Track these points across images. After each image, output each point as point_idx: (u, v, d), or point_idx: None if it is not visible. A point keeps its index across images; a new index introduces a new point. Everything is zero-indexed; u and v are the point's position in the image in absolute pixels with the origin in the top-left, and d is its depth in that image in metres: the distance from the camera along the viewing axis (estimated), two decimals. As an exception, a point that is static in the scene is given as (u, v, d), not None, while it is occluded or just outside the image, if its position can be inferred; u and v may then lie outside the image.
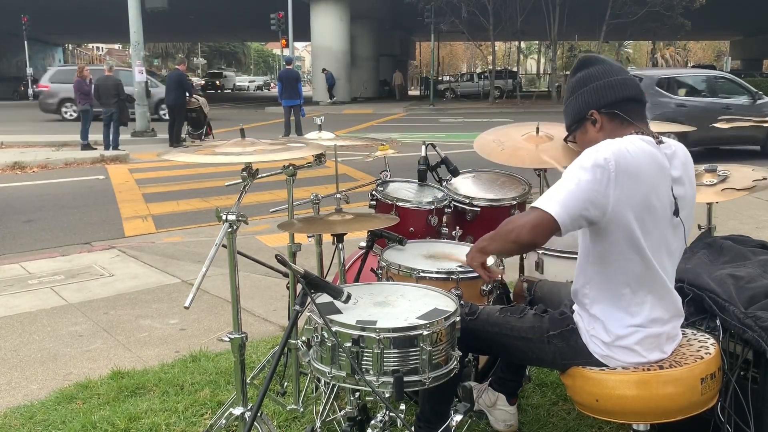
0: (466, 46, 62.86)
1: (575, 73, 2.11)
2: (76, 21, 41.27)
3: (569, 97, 2.11)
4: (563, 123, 2.23)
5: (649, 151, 1.91)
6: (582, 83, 2.07)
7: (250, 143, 2.32)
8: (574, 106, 2.09)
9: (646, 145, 1.92)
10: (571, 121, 2.11)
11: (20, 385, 3.34)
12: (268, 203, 7.63)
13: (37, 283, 4.99)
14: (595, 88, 2.03)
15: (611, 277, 1.96)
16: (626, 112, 2.01)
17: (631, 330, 1.97)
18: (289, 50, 27.66)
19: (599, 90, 2.02)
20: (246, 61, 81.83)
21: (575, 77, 2.10)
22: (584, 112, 2.04)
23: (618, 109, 2.00)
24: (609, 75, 2.04)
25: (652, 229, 1.91)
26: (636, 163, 1.86)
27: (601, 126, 2.03)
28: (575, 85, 2.09)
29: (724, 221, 6.20)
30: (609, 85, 2.02)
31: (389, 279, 2.54)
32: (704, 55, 69.89)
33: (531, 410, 2.87)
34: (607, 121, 2.02)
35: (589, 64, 2.08)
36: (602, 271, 1.97)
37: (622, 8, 28.68)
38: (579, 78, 2.09)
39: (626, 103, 2.02)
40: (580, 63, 2.11)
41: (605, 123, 2.02)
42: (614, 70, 2.06)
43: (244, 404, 2.18)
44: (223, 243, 2.06)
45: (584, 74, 2.07)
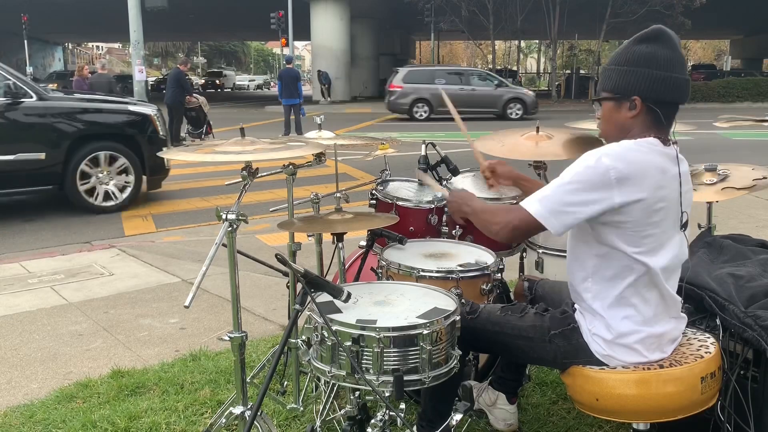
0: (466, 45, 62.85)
1: (642, 42, 1.91)
2: (76, 20, 41.27)
3: (623, 64, 1.93)
4: (562, 124, 2.23)
5: (654, 156, 1.90)
6: (644, 61, 1.89)
7: (250, 142, 2.33)
8: (623, 78, 1.92)
9: (654, 148, 1.91)
10: (612, 92, 1.96)
11: (20, 384, 3.34)
12: (268, 202, 7.63)
13: (37, 282, 4.99)
14: (654, 78, 1.88)
15: (613, 274, 1.95)
16: (666, 114, 1.93)
17: (633, 328, 1.97)
18: (289, 49, 27.65)
19: (658, 82, 1.89)
20: (246, 60, 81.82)
21: (641, 47, 1.91)
22: (630, 93, 1.91)
23: (662, 109, 1.92)
24: (673, 69, 1.89)
25: (656, 230, 1.91)
26: (639, 169, 1.85)
27: (636, 114, 1.93)
28: (637, 58, 1.90)
29: (724, 220, 6.20)
30: (668, 82, 1.89)
31: (389, 278, 2.54)
32: (704, 54, 69.86)
33: (531, 409, 2.87)
34: (645, 114, 1.92)
35: (661, 41, 1.90)
36: (604, 265, 1.96)
37: (622, 7, 28.68)
38: (644, 52, 1.90)
39: (671, 106, 1.94)
40: (654, 34, 1.91)
41: (642, 114, 1.92)
42: (679, 63, 1.91)
43: (244, 403, 2.18)
44: (223, 242, 2.06)
45: (651, 51, 1.89)
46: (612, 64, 1.97)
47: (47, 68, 47.33)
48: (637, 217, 1.87)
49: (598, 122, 2.09)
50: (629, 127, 1.95)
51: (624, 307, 1.97)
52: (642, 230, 1.89)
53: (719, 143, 13.95)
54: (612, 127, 2.00)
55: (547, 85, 44.07)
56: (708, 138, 14.29)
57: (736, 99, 29.93)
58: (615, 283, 1.96)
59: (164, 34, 53.65)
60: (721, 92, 30.12)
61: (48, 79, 41.03)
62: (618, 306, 1.97)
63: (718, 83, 31.15)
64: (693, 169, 2.98)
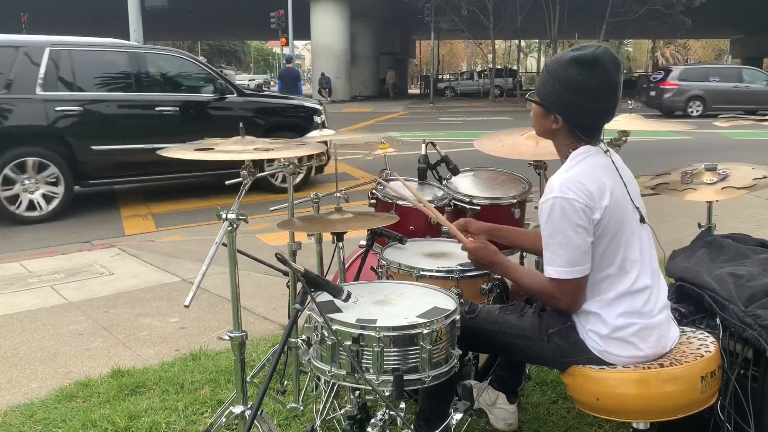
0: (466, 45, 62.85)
1: (577, 65, 1.93)
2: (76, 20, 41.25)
3: (556, 80, 1.96)
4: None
5: (595, 162, 2.00)
6: (572, 87, 1.94)
7: (250, 141, 2.33)
8: (551, 94, 1.98)
9: (592, 157, 2.00)
10: (539, 99, 2.04)
11: (20, 383, 3.34)
12: (268, 202, 7.63)
13: (37, 282, 4.99)
14: (576, 105, 1.96)
15: (602, 272, 2.00)
16: (585, 133, 2.02)
17: (626, 321, 1.99)
18: (289, 49, 27.65)
19: (578, 110, 1.97)
20: (246, 59, 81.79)
21: (574, 70, 1.93)
22: (553, 110, 2.01)
23: (580, 130, 2.02)
24: (597, 100, 1.96)
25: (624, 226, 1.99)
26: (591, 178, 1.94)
27: (558, 128, 2.04)
28: (567, 81, 1.94)
29: (724, 219, 6.20)
30: (590, 112, 1.99)
31: (389, 278, 2.54)
32: (704, 53, 69.85)
33: (531, 409, 2.87)
34: (566, 129, 2.03)
35: (595, 68, 1.93)
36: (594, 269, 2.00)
37: (623, 6, 28.67)
38: (574, 79, 1.93)
39: (589, 129, 2.03)
40: (591, 59, 1.93)
41: (564, 129, 2.03)
42: (607, 92, 1.95)
43: (244, 403, 2.18)
44: (223, 241, 2.06)
45: (580, 81, 1.93)
46: (548, 72, 2.00)
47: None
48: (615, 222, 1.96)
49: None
50: (554, 134, 2.07)
51: (616, 303, 2.00)
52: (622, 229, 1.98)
53: (719, 143, 13.95)
54: (540, 129, 2.11)
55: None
56: (708, 137, 14.30)
57: (737, 98, 29.87)
58: (605, 283, 2.00)
59: (164, 34, 53.57)
60: (722, 92, 30.07)
61: None
62: (610, 303, 2.00)
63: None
64: (693, 169, 2.98)
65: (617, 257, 1.99)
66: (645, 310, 2.01)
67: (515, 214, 3.06)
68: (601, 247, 1.97)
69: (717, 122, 3.71)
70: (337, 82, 31.43)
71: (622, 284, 2.00)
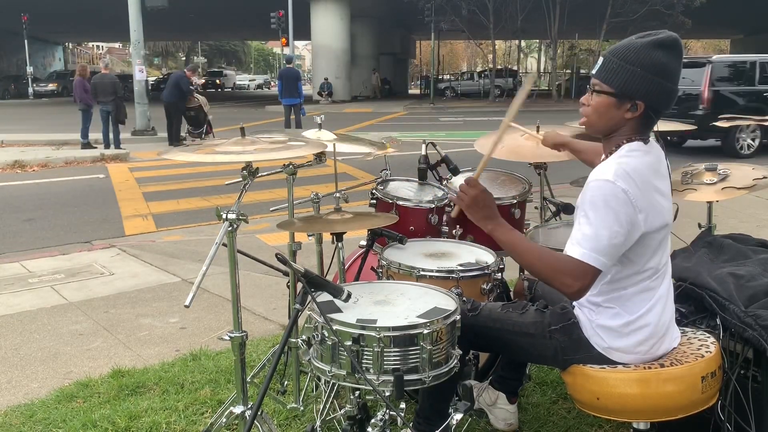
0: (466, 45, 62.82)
1: (659, 48, 1.88)
2: (76, 20, 41.25)
3: (636, 65, 1.88)
4: (562, 122, 2.22)
5: (650, 162, 1.94)
6: (658, 70, 1.88)
7: (251, 142, 2.33)
8: (633, 81, 1.89)
9: (641, 153, 1.94)
10: (615, 89, 1.91)
11: (21, 383, 3.34)
12: (269, 202, 7.63)
13: (37, 282, 4.99)
14: (663, 89, 1.90)
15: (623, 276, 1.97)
16: (650, 122, 1.97)
17: (643, 322, 1.98)
18: (289, 49, 27.65)
19: (665, 94, 1.91)
20: (246, 59, 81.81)
21: (657, 53, 1.87)
22: (636, 97, 1.90)
23: (657, 117, 1.96)
24: (677, 83, 1.93)
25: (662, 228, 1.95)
26: (641, 175, 1.88)
27: (634, 117, 1.92)
28: (652, 64, 1.87)
29: (725, 220, 6.20)
30: (672, 96, 1.92)
31: (389, 278, 2.54)
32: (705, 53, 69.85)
33: (531, 409, 2.87)
34: (641, 118, 1.93)
35: (675, 52, 1.90)
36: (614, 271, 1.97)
37: (623, 7, 28.69)
38: (660, 61, 1.87)
39: (661, 114, 1.98)
40: (671, 42, 1.89)
41: (639, 118, 1.93)
42: (678, 75, 1.93)
43: (245, 403, 2.18)
44: (223, 242, 2.06)
45: (666, 62, 1.88)
46: (621, 59, 1.90)
47: (47, 68, 47.29)
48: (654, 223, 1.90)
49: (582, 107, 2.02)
50: (620, 125, 1.95)
51: (637, 302, 1.98)
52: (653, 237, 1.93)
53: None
54: (603, 121, 1.97)
55: (548, 85, 44.08)
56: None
57: (737, 99, 29.87)
58: (623, 283, 1.98)
59: (164, 34, 53.62)
60: (722, 92, 30.08)
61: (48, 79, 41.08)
62: (631, 301, 1.99)
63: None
64: (693, 169, 2.98)
65: (645, 258, 1.95)
66: (660, 312, 2.00)
67: (515, 214, 3.06)
68: (635, 247, 1.92)
69: (717, 122, 3.71)
70: (337, 82, 31.42)
71: (645, 284, 1.98)
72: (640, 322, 1.98)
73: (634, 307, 1.98)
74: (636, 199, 1.85)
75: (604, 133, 2.00)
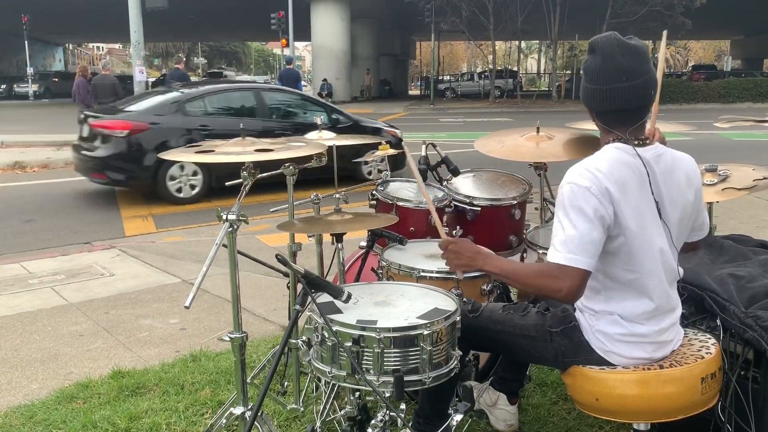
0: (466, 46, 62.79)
1: (588, 53, 2.02)
2: (76, 21, 41.28)
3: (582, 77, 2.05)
4: (563, 124, 2.24)
5: (622, 158, 1.93)
6: (584, 76, 2.01)
7: (251, 143, 2.33)
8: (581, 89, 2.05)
9: (620, 153, 1.94)
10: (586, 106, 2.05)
11: (21, 384, 3.34)
12: (269, 203, 7.62)
13: (37, 283, 4.99)
14: (588, 92, 1.99)
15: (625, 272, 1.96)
16: (607, 122, 1.99)
17: (646, 329, 1.98)
18: (289, 50, 27.66)
19: (590, 96, 2.00)
20: (246, 60, 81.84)
21: (586, 60, 2.01)
22: (585, 104, 2.03)
23: (600, 120, 2.01)
24: (601, 81, 1.94)
25: (643, 229, 1.93)
26: (610, 173, 1.89)
27: (597, 123, 2.03)
28: (586, 72, 2.00)
29: (725, 221, 6.20)
30: (595, 95, 1.97)
31: (389, 278, 2.54)
32: (705, 54, 69.88)
33: (531, 410, 2.87)
34: (600, 124, 2.02)
35: (595, 52, 1.96)
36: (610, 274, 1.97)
37: (623, 7, 28.69)
38: (583, 67, 2.02)
39: (608, 114, 1.98)
40: (591, 45, 1.99)
41: (599, 123, 2.03)
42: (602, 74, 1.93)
43: (245, 404, 2.18)
44: (223, 242, 2.06)
45: (585, 66, 2.01)
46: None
47: (48, 69, 47.29)
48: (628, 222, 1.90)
49: None
50: (600, 131, 2.05)
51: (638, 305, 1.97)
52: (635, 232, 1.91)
53: (719, 144, 13.95)
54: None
55: (548, 86, 44.08)
56: (708, 138, 14.30)
57: (737, 99, 29.93)
58: (619, 290, 1.98)
59: (165, 35, 53.64)
60: (722, 93, 30.13)
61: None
62: (621, 308, 1.98)
63: (719, 83, 31.16)
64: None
65: (640, 260, 1.94)
66: (660, 320, 2.00)
67: (516, 215, 3.06)
68: (623, 250, 1.92)
69: (717, 123, 3.72)
70: (337, 83, 31.43)
71: (643, 290, 1.96)
72: (639, 330, 1.98)
73: (632, 315, 1.97)
74: (600, 193, 1.86)
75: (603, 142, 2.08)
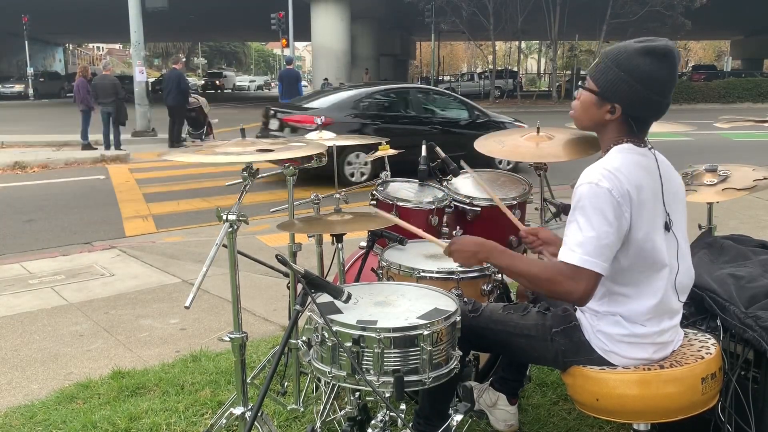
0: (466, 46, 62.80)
1: (648, 55, 1.88)
2: (76, 21, 41.27)
3: (622, 70, 1.90)
4: (563, 124, 2.23)
5: (637, 160, 1.94)
6: (643, 79, 1.89)
7: (251, 143, 2.32)
8: (615, 83, 1.91)
9: (635, 155, 1.94)
10: (599, 89, 1.95)
11: (21, 384, 3.34)
12: (269, 203, 7.63)
13: (37, 283, 4.99)
14: (644, 98, 1.91)
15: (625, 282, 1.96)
16: (639, 128, 1.97)
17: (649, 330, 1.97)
18: (289, 50, 27.65)
19: (645, 102, 1.92)
20: (246, 60, 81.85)
21: (645, 60, 1.88)
22: (615, 100, 1.93)
23: (636, 123, 1.96)
24: (664, 95, 1.92)
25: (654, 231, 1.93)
26: (628, 176, 1.88)
27: (612, 119, 1.96)
28: (637, 71, 1.88)
29: (725, 221, 6.20)
30: (654, 105, 1.93)
31: (389, 279, 2.54)
32: (705, 54, 69.85)
33: (531, 410, 2.87)
34: (620, 121, 1.96)
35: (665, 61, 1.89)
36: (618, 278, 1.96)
37: (623, 8, 28.68)
38: (646, 70, 1.88)
39: (645, 122, 1.98)
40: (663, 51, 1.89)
41: (618, 121, 1.96)
42: (671, 88, 1.93)
43: (245, 404, 2.18)
44: (223, 243, 2.06)
45: (651, 71, 1.88)
46: (611, 61, 1.93)
47: (48, 69, 47.28)
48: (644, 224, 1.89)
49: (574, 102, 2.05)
50: (603, 126, 1.99)
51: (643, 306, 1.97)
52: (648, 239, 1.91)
53: (720, 144, 13.95)
54: (585, 117, 2.02)
55: (548, 86, 44.06)
56: (708, 138, 14.30)
57: (737, 99, 29.95)
58: (623, 290, 1.97)
59: (165, 35, 53.65)
60: (722, 93, 30.15)
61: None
62: (624, 309, 1.98)
63: (719, 84, 31.19)
64: (693, 170, 2.98)
65: (650, 260, 1.94)
66: (661, 320, 1.99)
67: (515, 215, 3.06)
68: (633, 249, 1.91)
69: (717, 123, 3.71)
70: (337, 83, 31.43)
71: (645, 291, 1.96)
72: (640, 331, 1.98)
73: (634, 316, 1.97)
74: (621, 196, 1.85)
75: (588, 128, 2.07)
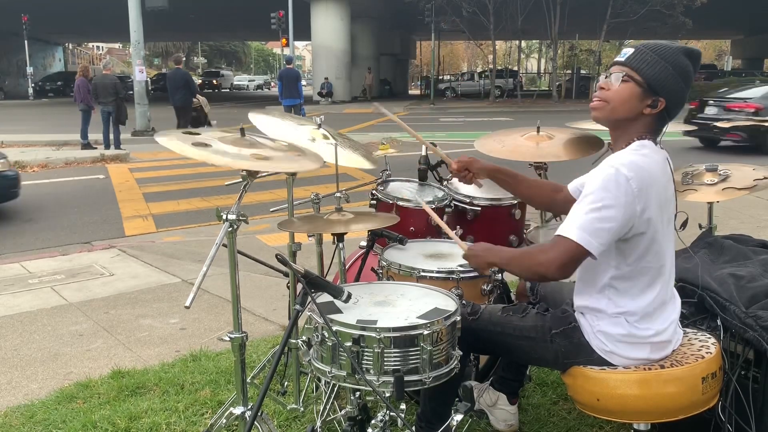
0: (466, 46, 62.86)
1: (687, 56, 1.97)
2: (76, 20, 41.26)
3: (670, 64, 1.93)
4: (563, 123, 2.23)
5: (656, 159, 1.96)
6: (684, 75, 1.95)
7: (249, 143, 2.32)
8: (664, 76, 1.93)
9: (654, 153, 1.96)
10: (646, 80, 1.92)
11: (21, 384, 3.34)
12: (269, 203, 7.63)
13: (37, 283, 4.99)
14: (683, 93, 1.97)
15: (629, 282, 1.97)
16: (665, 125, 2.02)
17: (635, 326, 1.98)
18: (289, 49, 27.64)
19: (681, 97, 1.98)
20: (246, 60, 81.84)
21: (686, 60, 1.96)
22: (661, 93, 1.93)
23: (669, 118, 2.01)
24: (689, 88, 2.01)
25: (665, 228, 1.97)
26: (650, 172, 1.90)
27: (651, 113, 1.95)
28: (681, 68, 1.94)
29: (725, 220, 6.20)
30: (683, 99, 2.00)
31: (390, 278, 2.54)
32: (705, 54, 69.71)
33: (532, 410, 2.87)
34: (656, 116, 1.97)
35: (695, 64, 2.01)
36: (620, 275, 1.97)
37: (623, 7, 28.69)
38: (687, 68, 1.96)
39: (672, 117, 2.03)
40: (696, 56, 2.00)
41: (654, 116, 1.97)
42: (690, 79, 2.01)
43: (245, 404, 2.18)
44: (223, 242, 2.06)
45: (689, 71, 1.98)
46: (656, 54, 1.93)
47: (47, 69, 47.25)
48: (654, 220, 1.90)
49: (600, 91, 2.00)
50: (636, 118, 1.97)
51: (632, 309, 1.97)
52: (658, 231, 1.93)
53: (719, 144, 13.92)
54: (624, 109, 1.96)
55: (548, 86, 44.08)
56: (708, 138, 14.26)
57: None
58: (625, 288, 1.98)
59: (164, 34, 53.62)
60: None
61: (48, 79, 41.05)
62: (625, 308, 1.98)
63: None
64: (694, 170, 2.98)
65: (655, 260, 1.95)
66: (663, 319, 2.00)
67: (516, 215, 3.06)
68: (641, 247, 1.92)
69: (718, 123, 3.71)
70: (337, 82, 31.45)
71: (647, 290, 1.97)
72: (641, 333, 1.98)
73: (635, 317, 1.98)
74: (638, 188, 1.85)
75: (616, 122, 1.99)
